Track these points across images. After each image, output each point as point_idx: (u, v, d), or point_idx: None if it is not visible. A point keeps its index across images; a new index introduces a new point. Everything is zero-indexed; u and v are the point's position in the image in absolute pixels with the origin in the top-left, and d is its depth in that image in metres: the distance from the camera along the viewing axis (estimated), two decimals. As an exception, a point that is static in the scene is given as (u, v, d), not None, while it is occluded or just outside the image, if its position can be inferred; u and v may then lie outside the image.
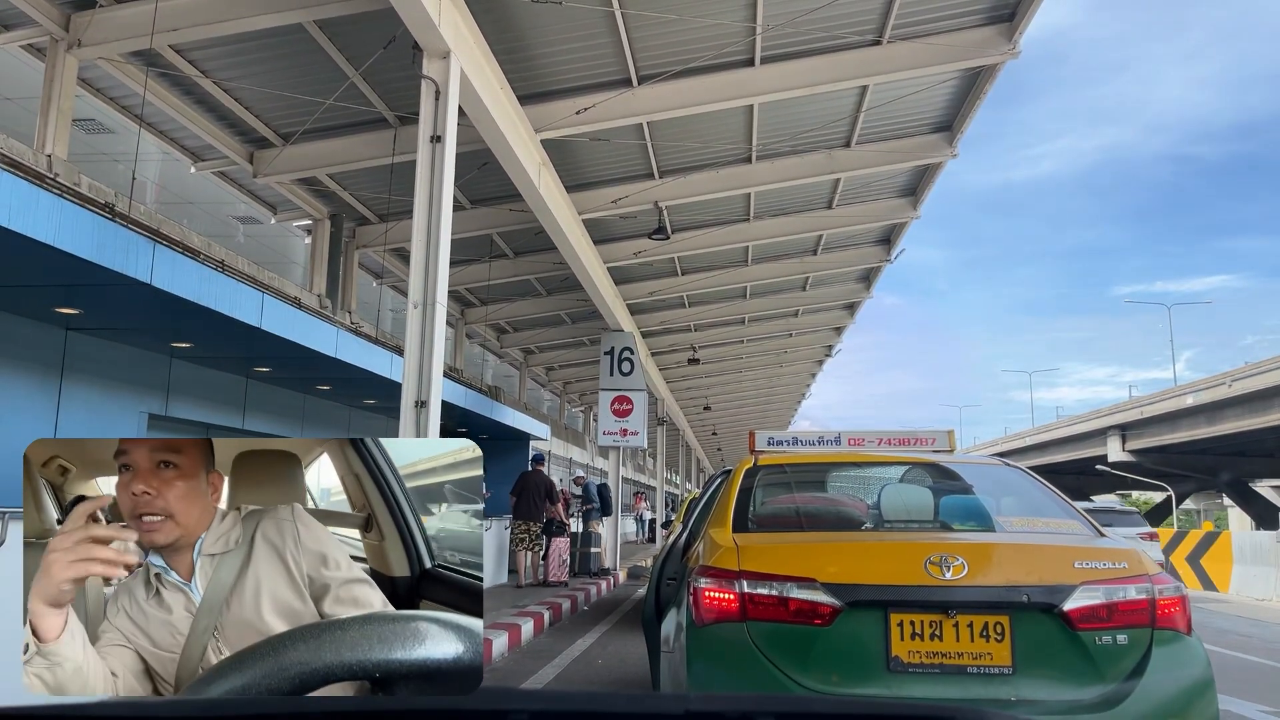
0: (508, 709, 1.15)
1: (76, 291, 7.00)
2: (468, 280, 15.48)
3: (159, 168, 12.48)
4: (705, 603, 3.19)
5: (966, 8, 9.56)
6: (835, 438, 5.06)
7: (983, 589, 3.03)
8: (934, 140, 12.50)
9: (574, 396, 29.84)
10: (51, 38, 8.36)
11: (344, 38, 8.76)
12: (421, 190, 7.27)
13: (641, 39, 9.29)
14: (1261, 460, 37.74)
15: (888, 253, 17.74)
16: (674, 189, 12.70)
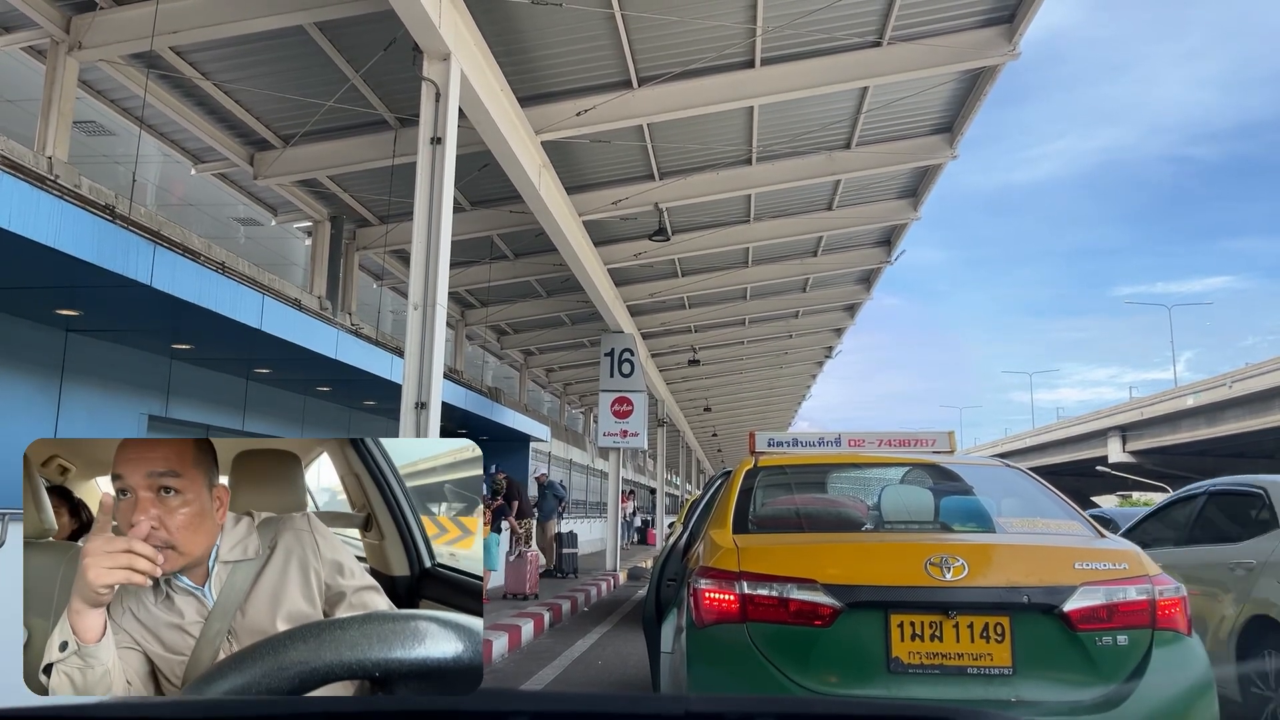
0: (507, 709, 1.15)
1: (77, 293, 7.00)
2: (468, 282, 15.48)
3: (159, 169, 12.48)
4: (705, 604, 3.19)
5: (966, 9, 9.57)
6: (835, 439, 5.05)
7: (983, 590, 3.03)
8: (934, 141, 12.50)
9: (574, 398, 29.83)
10: (52, 40, 8.37)
11: (344, 40, 8.77)
12: (422, 192, 7.27)
13: (642, 40, 9.29)
14: (1262, 461, 37.66)
15: (888, 254, 17.74)
16: (674, 190, 12.70)
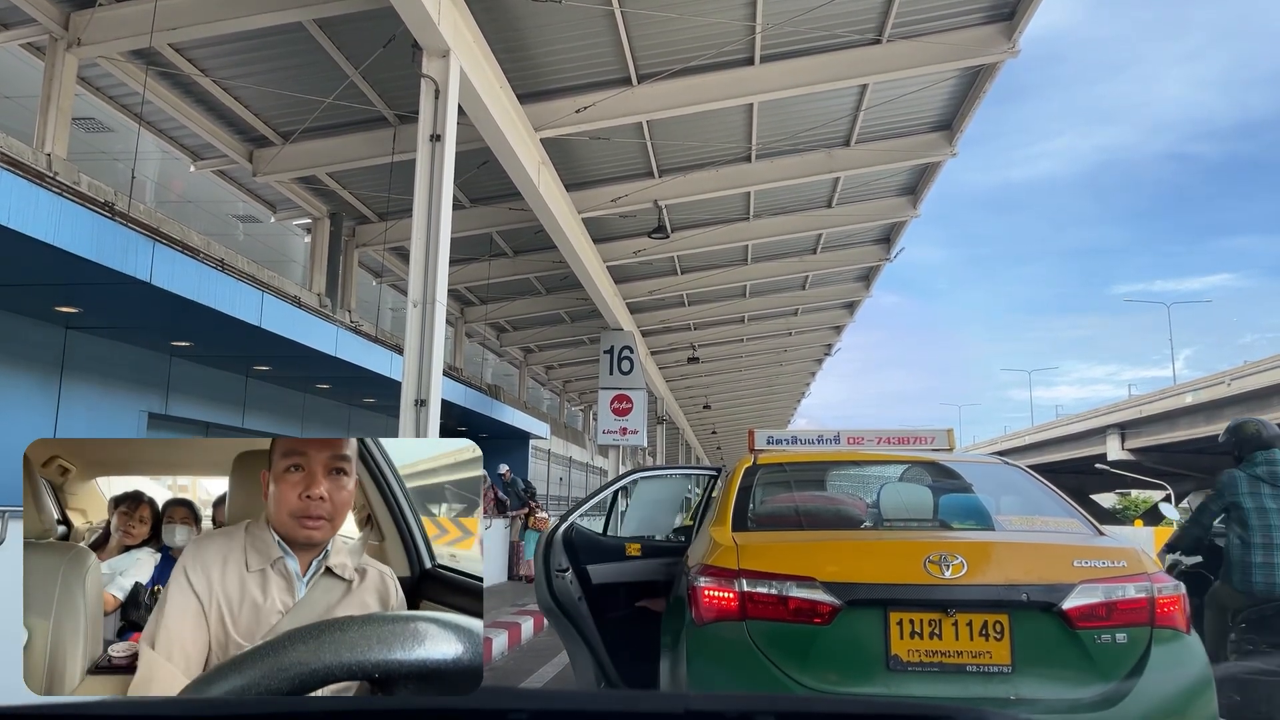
0: (507, 708, 1.15)
1: (76, 290, 7.00)
2: (467, 279, 15.47)
3: (158, 166, 12.47)
4: (705, 601, 3.19)
5: (966, 7, 9.56)
6: (834, 437, 5.04)
7: (982, 588, 3.03)
8: (933, 139, 12.49)
9: (573, 395, 29.83)
10: (51, 36, 8.36)
11: (343, 36, 8.75)
12: (421, 189, 7.27)
13: (641, 37, 9.28)
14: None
15: (887, 251, 17.74)
16: (674, 188, 12.70)
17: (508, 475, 14.86)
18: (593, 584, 4.39)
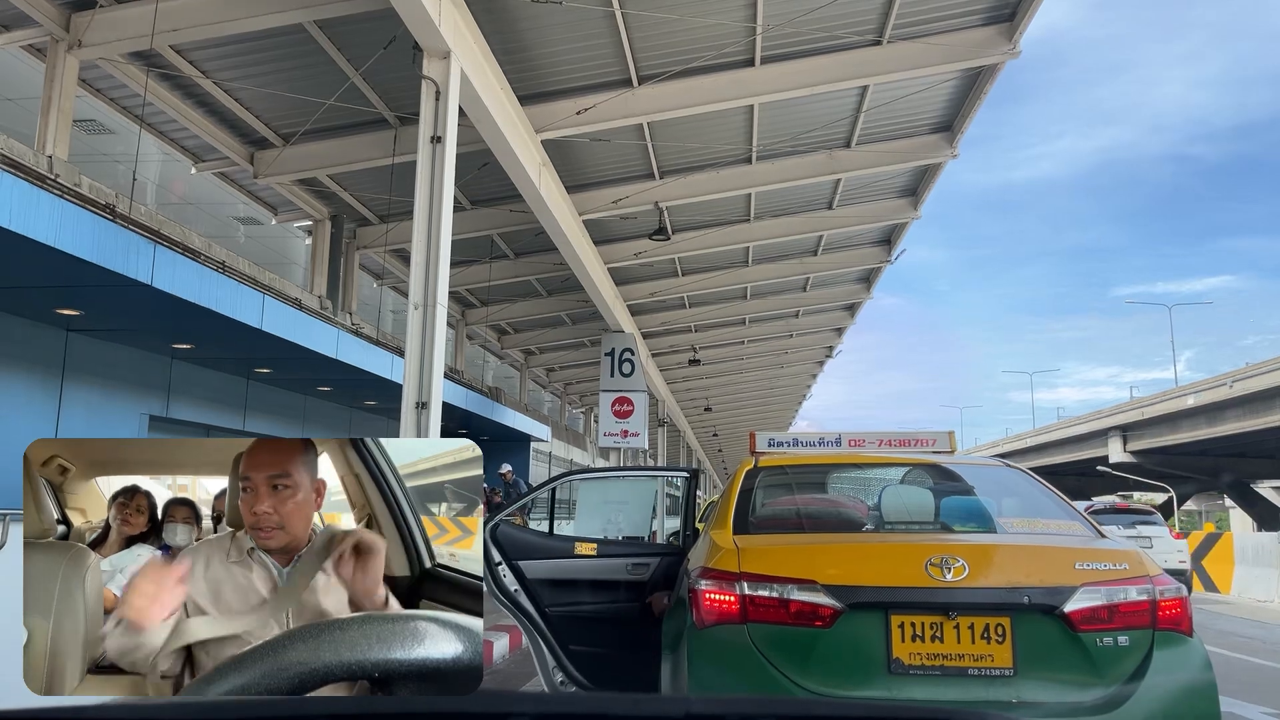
0: (508, 711, 1.14)
1: (77, 292, 7.00)
2: (468, 281, 15.48)
3: (159, 168, 12.48)
4: (706, 604, 3.18)
5: (966, 8, 9.56)
6: (835, 439, 5.04)
7: (983, 590, 3.02)
8: (934, 140, 12.49)
9: (575, 398, 29.82)
10: (52, 38, 8.36)
11: (344, 38, 8.76)
12: (422, 191, 7.27)
13: (641, 39, 9.29)
14: (1262, 461, 37.70)
15: (888, 253, 17.74)
16: (674, 189, 12.70)
17: (509, 476, 14.78)
18: (527, 579, 4.49)
